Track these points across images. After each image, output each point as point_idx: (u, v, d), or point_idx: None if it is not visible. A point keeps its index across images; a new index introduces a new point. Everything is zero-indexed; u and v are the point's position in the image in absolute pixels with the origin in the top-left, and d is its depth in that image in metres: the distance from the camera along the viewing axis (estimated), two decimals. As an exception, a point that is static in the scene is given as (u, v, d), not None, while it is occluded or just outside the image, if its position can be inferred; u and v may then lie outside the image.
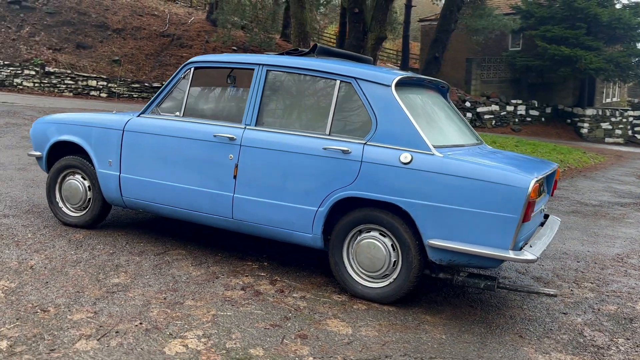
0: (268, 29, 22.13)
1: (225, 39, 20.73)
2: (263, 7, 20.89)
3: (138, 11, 20.90)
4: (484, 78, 26.80)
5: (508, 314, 3.64)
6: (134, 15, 20.44)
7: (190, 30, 20.95)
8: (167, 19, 21.16)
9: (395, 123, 3.52)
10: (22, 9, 18.01)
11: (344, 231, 3.65)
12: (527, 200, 3.14)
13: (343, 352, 2.90)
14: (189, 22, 21.65)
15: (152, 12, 21.31)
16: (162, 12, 21.72)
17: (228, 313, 3.26)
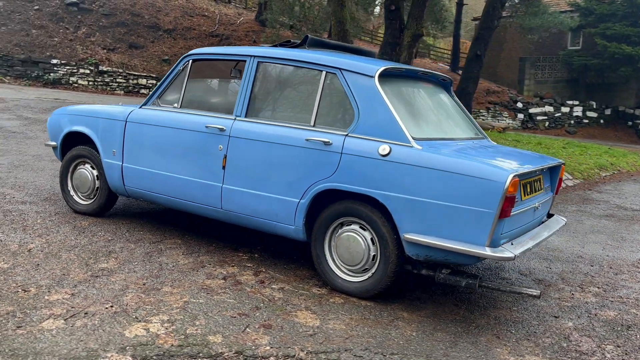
0: (317, 28, 22.17)
1: (273, 39, 20.92)
2: (311, 6, 20.95)
3: (189, 12, 21.47)
4: (538, 78, 25.88)
5: (494, 314, 3.49)
6: (185, 16, 21.01)
7: (238, 31, 21.32)
8: (216, 19, 21.63)
9: (377, 114, 3.44)
10: (80, 11, 18.88)
11: (326, 224, 3.61)
12: (504, 195, 3.00)
13: (302, 343, 2.86)
14: (238, 23, 22.04)
15: (202, 13, 21.84)
16: (212, 13, 22.22)
17: (200, 300, 3.28)
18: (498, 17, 12.85)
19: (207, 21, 21.29)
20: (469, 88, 13.13)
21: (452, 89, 4.45)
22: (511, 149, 4.24)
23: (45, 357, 2.53)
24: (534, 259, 4.84)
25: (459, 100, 4.46)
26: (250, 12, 24.56)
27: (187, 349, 2.72)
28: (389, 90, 3.58)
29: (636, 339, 3.29)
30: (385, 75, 3.60)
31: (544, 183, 3.86)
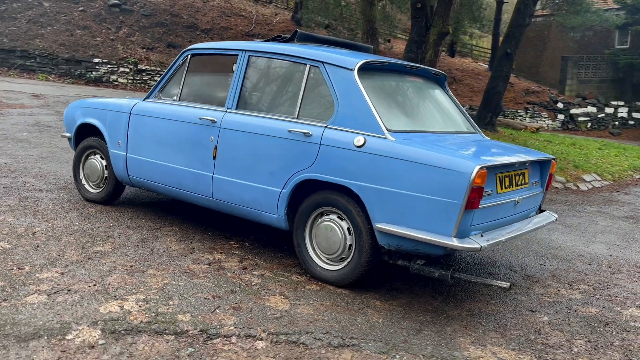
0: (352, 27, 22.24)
1: (308, 38, 21.11)
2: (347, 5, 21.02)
3: (227, 12, 21.88)
4: (581, 77, 25.15)
5: (468, 306, 3.51)
6: (223, 16, 21.44)
7: (274, 30, 21.58)
8: (253, 19, 21.97)
9: (355, 107, 3.51)
10: (122, 12, 19.54)
11: (306, 213, 3.70)
12: (470, 186, 3.02)
13: (266, 325, 2.97)
14: (274, 22, 22.32)
15: (239, 13, 22.22)
16: (250, 13, 22.57)
17: (180, 283, 3.44)
18: (530, 14, 12.59)
19: (244, 21, 21.66)
20: (498, 87, 12.92)
21: (446, 84, 4.47)
22: (499, 144, 4.23)
23: (22, 327, 2.73)
24: (529, 255, 4.79)
25: (453, 95, 4.48)
26: (288, 12, 24.82)
27: (155, 326, 2.87)
28: (370, 83, 3.64)
29: (610, 336, 3.25)
30: (367, 69, 3.67)
31: (529, 178, 3.84)
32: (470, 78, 24.29)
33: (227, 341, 2.81)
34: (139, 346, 2.69)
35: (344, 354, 2.77)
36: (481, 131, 4.44)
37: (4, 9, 17.86)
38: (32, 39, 17.34)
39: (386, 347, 2.85)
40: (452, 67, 25.34)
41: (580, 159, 11.33)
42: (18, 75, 16.57)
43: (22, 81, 15.56)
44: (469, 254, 4.67)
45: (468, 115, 4.45)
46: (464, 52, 32.45)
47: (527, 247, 5.06)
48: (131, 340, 2.73)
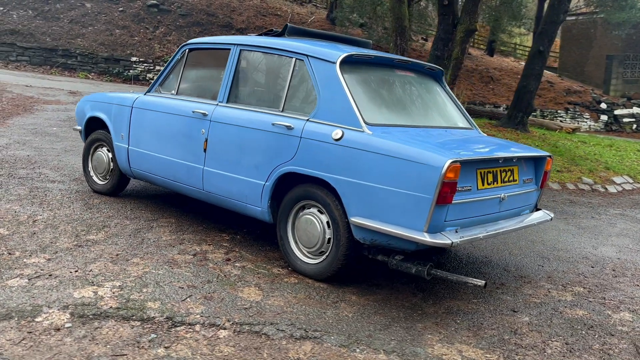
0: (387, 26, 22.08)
1: (343, 37, 21.08)
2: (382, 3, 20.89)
3: (262, 11, 22.10)
4: (627, 77, 24.21)
5: (448, 304, 3.44)
6: (258, 15, 21.66)
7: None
8: (288, 18, 22.10)
9: (335, 100, 3.49)
10: (160, 12, 20.01)
11: (289, 206, 3.71)
12: (441, 180, 2.96)
13: (232, 315, 2.99)
14: (309, 21, 22.39)
15: (275, 12, 22.39)
16: (285, 12, 22.72)
17: (160, 272, 3.50)
18: (564, 11, 12.18)
19: (279, 20, 21.80)
20: (529, 86, 12.55)
21: (443, 79, 4.39)
22: (492, 140, 4.11)
23: (-5, 308, 2.84)
24: (530, 256, 4.66)
25: (449, 91, 4.39)
26: (324, 11, 24.85)
27: (123, 312, 2.93)
28: (354, 76, 3.61)
29: (591, 339, 3.12)
30: (351, 62, 3.65)
31: (519, 175, 3.73)
32: (509, 77, 23.73)
33: (191, 329, 2.84)
34: (104, 330, 2.75)
35: (305, 345, 2.77)
36: (477, 127, 4.34)
37: (48, 9, 18.56)
38: (74, 39, 17.96)
39: (348, 341, 2.83)
40: (490, 66, 24.85)
41: (614, 161, 10.92)
42: (59, 73, 17.20)
43: (63, 79, 16.15)
44: (464, 252, 4.57)
45: (465, 111, 4.36)
46: (508, 51, 31.70)
47: (530, 248, 4.91)
48: (97, 325, 2.80)
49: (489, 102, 20.84)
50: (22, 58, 17.24)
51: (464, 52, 11.13)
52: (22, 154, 6.90)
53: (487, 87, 22.85)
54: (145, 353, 2.59)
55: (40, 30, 17.69)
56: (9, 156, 6.64)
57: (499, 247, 4.84)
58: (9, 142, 7.70)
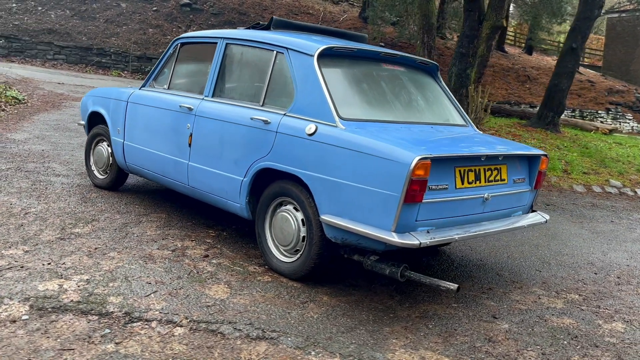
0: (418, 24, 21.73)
1: (375, 35, 20.88)
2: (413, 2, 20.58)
3: (294, 10, 22.12)
4: (674, 76, 23.09)
5: (424, 308, 3.28)
6: (290, 14, 21.68)
7: (340, 27, 21.55)
8: (320, 17, 22.04)
9: (311, 94, 3.39)
10: (192, 11, 20.28)
11: (266, 203, 3.62)
12: (409, 177, 2.82)
13: (192, 312, 2.92)
14: (341, 20, 22.28)
15: (307, 11, 22.38)
16: (317, 11, 22.67)
17: (132, 267, 3.46)
18: (599, 6, 11.68)
19: (311, 19, 21.77)
20: (561, 84, 12.09)
21: (438, 74, 4.22)
22: (483, 137, 3.91)
23: (-43, 298, 2.86)
24: (530, 260, 4.43)
25: (444, 86, 4.22)
26: (357, 9, 24.68)
27: (83, 306, 2.91)
28: (333, 70, 3.50)
29: (572, 350, 2.92)
30: (332, 56, 3.53)
31: (508, 174, 3.54)
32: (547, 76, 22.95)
33: (147, 325, 2.79)
34: (59, 324, 2.73)
35: (259, 346, 2.67)
36: (473, 124, 4.15)
37: (85, 9, 19.05)
38: (109, 38, 18.38)
39: (305, 343, 2.72)
40: (528, 65, 24.16)
41: (648, 164, 10.40)
42: (93, 71, 17.63)
43: (95, 77, 16.54)
44: (458, 254, 4.39)
45: (460, 107, 4.18)
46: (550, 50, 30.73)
47: (533, 252, 4.68)
48: (54, 318, 2.78)
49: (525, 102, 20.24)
50: (59, 57, 17.74)
51: (489, 49, 10.82)
52: (37, 148, 7.05)
53: (523, 87, 22.22)
54: (94, 348, 2.55)
55: (76, 29, 18.17)
56: (23, 150, 6.78)
57: (498, 250, 4.63)
58: (29, 137, 7.88)
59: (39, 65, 17.12)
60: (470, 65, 10.88)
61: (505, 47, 25.95)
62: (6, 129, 8.34)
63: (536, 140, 10.92)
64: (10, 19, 17.54)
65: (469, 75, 10.88)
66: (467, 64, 10.87)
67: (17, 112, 10.03)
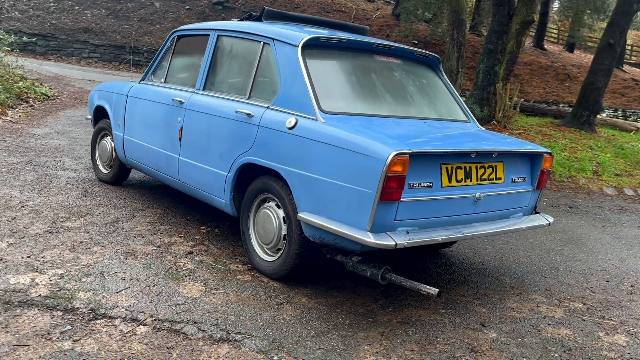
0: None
1: (407, 33, 20.56)
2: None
3: (326, 8, 21.97)
4: None
5: (408, 314, 3.09)
6: (322, 12, 21.55)
7: (373, 25, 21.27)
8: (352, 14, 21.83)
9: (294, 86, 3.24)
10: (224, 9, 20.40)
11: (250, 200, 3.49)
12: (385, 173, 2.64)
13: (159, 310, 2.82)
14: (374, 17, 22.01)
15: (339, 9, 22.20)
16: (350, 9, 22.47)
17: (111, 262, 3.39)
18: (638, 0, 11.12)
19: (343, 16, 21.59)
20: (597, 82, 11.55)
21: (439, 67, 4.01)
22: (481, 134, 3.67)
23: None
24: (537, 265, 4.17)
25: (446, 80, 4.00)
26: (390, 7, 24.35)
27: (50, 301, 2.84)
28: (319, 61, 3.35)
29: (562, 364, 2.68)
30: (319, 46, 3.38)
31: (505, 172, 3.31)
32: (587, 75, 22.14)
33: (110, 323, 2.70)
34: (22, 319, 2.67)
35: (221, 348, 2.55)
36: (475, 120, 3.92)
37: (120, 8, 19.40)
38: (142, 36, 18.66)
39: (269, 347, 2.58)
40: (568, 63, 23.34)
41: (689, 166, 9.81)
42: (126, 69, 17.93)
43: (128, 75, 16.80)
44: (458, 256, 4.16)
45: (462, 102, 3.95)
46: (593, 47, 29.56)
47: (542, 257, 4.41)
48: (19, 312, 2.72)
49: (563, 101, 19.54)
50: (94, 55, 18.11)
51: (519, 45, 10.41)
52: (54, 142, 7.13)
53: (562, 85, 21.46)
54: (50, 345, 2.47)
55: (111, 28, 18.51)
56: (40, 145, 6.87)
57: (504, 254, 4.38)
58: (49, 131, 8.00)
59: (74, 63, 17.52)
60: (498, 62, 10.50)
61: (545, 44, 25.15)
62: (30, 124, 8.49)
63: (567, 140, 10.47)
64: (48, 17, 18.01)
65: (497, 72, 10.51)
66: (496, 61, 10.51)
67: (44, 108, 10.24)
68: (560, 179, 8.11)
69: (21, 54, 16.97)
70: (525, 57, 22.26)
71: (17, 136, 7.31)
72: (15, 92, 10.20)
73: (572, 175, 8.29)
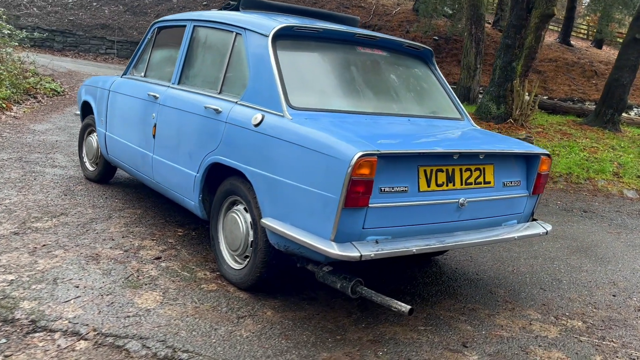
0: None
1: (426, 29, 20.10)
2: (467, -7, 19.62)
3: (345, 3, 21.62)
4: None
5: (382, 330, 2.80)
6: (341, 7, 21.21)
7: (392, 21, 20.87)
8: (372, 10, 21.45)
9: (263, 79, 2.97)
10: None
11: (219, 202, 3.24)
12: (349, 177, 2.36)
13: (105, 323, 2.59)
14: (394, 13, 21.58)
15: (359, 4, 21.82)
16: (369, 4, 22.07)
17: (69, 267, 3.18)
18: (666, -7, 10.55)
19: (362, 12, 21.23)
20: (622, 79, 11.01)
21: (432, 60, 3.70)
22: (472, 133, 3.35)
23: None
24: (537, 276, 3.83)
25: (439, 74, 3.69)
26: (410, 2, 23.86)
27: (-10, 310, 2.64)
28: (292, 52, 3.08)
29: (549, 394, 2.37)
30: (292, 36, 3.10)
31: (495, 175, 2.99)
32: (615, 72, 21.37)
33: (49, 336, 2.48)
34: (-45, 330, 2.47)
35: (163, 369, 2.30)
36: (470, 118, 3.60)
37: (137, 4, 19.39)
38: (159, 32, 18.62)
39: (216, 368, 2.32)
40: (595, 59, 22.55)
41: None
42: (143, 65, 17.91)
43: (143, 70, 16.76)
44: (452, 265, 3.85)
45: (456, 99, 3.64)
46: (622, 44, 28.60)
47: (544, 267, 4.06)
48: (-46, 323, 2.52)
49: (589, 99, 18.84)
50: (111, 51, 18.12)
51: (538, 40, 9.97)
52: (52, 139, 7.01)
53: (588, 83, 20.72)
54: (-24, 361, 2.26)
55: (128, 24, 18.50)
56: (36, 141, 6.75)
57: (503, 263, 4.05)
58: (51, 127, 7.90)
59: (90, 59, 17.57)
60: (516, 58, 10.07)
61: (572, 40, 24.37)
62: (32, 120, 8.41)
63: (588, 139, 9.98)
64: (66, 14, 18.09)
65: (515, 68, 10.07)
66: (513, 56, 10.07)
67: (52, 104, 10.17)
68: (577, 180, 7.68)
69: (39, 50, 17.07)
70: (550, 53, 21.60)
71: (16, 132, 7.21)
72: (24, 88, 10.16)
73: (591, 176, 7.85)
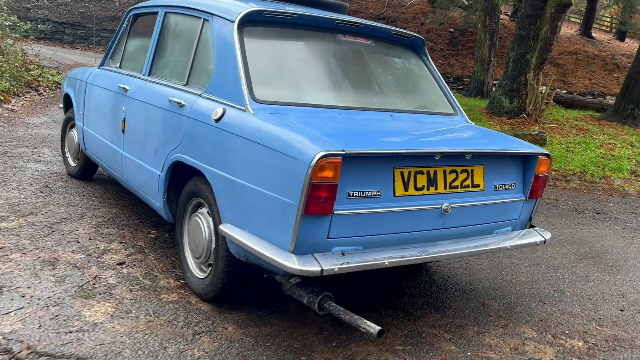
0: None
1: (442, 21, 19.62)
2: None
3: (360, -5, 21.21)
4: None
5: (355, 349, 2.51)
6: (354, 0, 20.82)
7: (407, 13, 20.41)
8: (386, 1, 21.00)
9: (227, 69, 2.69)
10: None
11: (184, 204, 2.97)
12: (309, 180, 2.06)
13: (43, 339, 2.33)
14: (408, 5, 21.10)
15: (372, -4, 21.39)
16: (383, -5, 21.63)
17: (21, 274, 2.93)
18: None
19: (376, 4, 20.81)
20: (643, 72, 10.53)
21: (424, 50, 3.38)
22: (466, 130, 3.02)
23: None
24: (537, 286, 3.50)
25: (431, 66, 3.37)
26: (427, -6, 23.35)
27: None
28: (262, 40, 2.78)
29: None
30: (262, 22, 2.81)
31: (485, 178, 2.67)
32: (638, 65, 20.65)
33: (-22, 354, 2.23)
34: None
35: (96, 396, 2.04)
36: (464, 113, 3.28)
37: None
38: (169, 24, 18.41)
39: (155, 396, 2.06)
40: (617, 52, 21.85)
41: None
42: (152, 57, 17.72)
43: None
44: (444, 274, 3.53)
45: (449, 92, 3.32)
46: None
47: (546, 276, 3.73)
48: None
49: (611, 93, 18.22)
50: (121, 43, 17.96)
51: (554, 30, 9.52)
52: (44, 132, 6.82)
53: (610, 76, 20.07)
54: None
55: (138, 16, 18.34)
56: (28, 134, 6.57)
57: (501, 271, 3.72)
58: (46, 121, 7.72)
59: (100, 52, 17.42)
60: (530, 50, 9.64)
61: (594, 32, 23.66)
62: (29, 113, 8.24)
63: (606, 135, 9.53)
64: (77, 6, 17.98)
65: (529, 60, 9.65)
66: (528, 48, 9.64)
67: (53, 96, 10.02)
68: (592, 179, 7.28)
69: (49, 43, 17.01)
70: (570, 45, 20.97)
71: (9, 125, 7.03)
72: (26, 80, 10.02)
73: (607, 175, 7.44)
